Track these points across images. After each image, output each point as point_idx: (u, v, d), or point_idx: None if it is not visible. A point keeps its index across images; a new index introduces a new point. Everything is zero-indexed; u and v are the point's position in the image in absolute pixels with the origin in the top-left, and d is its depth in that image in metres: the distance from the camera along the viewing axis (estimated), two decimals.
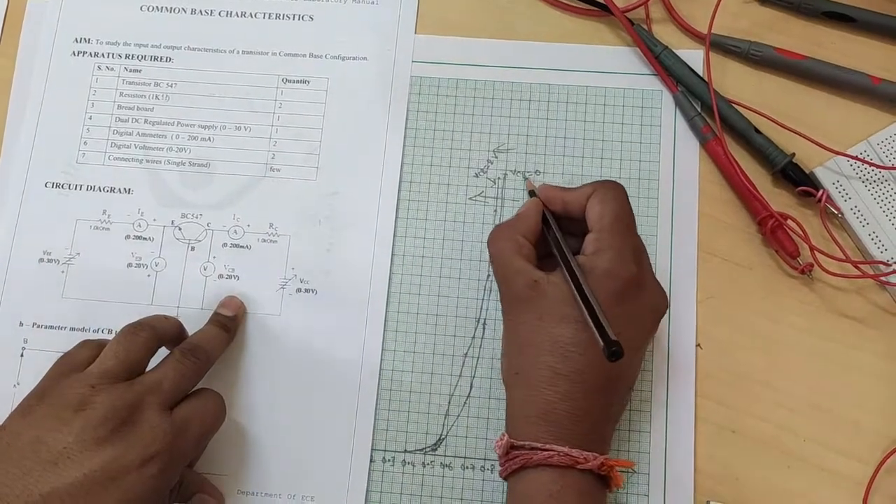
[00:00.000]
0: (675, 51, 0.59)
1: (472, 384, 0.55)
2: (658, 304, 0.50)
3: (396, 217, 0.58)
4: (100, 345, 0.49)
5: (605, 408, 0.48)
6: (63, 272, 0.57)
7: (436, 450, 0.54)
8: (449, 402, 0.55)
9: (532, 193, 0.55)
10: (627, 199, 0.50)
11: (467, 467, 0.54)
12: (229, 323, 0.54)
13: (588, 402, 0.47)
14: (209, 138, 0.60)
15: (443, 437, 0.54)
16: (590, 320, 0.45)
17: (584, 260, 0.48)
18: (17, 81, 0.61)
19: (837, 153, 0.56)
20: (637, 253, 0.49)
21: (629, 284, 0.47)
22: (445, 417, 0.55)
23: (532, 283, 0.48)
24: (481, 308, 0.56)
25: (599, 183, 0.51)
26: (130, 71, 0.61)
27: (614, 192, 0.50)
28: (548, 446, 0.46)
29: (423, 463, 0.54)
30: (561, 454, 0.45)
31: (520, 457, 0.46)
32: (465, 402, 0.55)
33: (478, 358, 0.55)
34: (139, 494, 0.44)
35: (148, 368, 0.49)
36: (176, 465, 0.46)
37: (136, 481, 0.44)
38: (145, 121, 0.60)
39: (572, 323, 0.47)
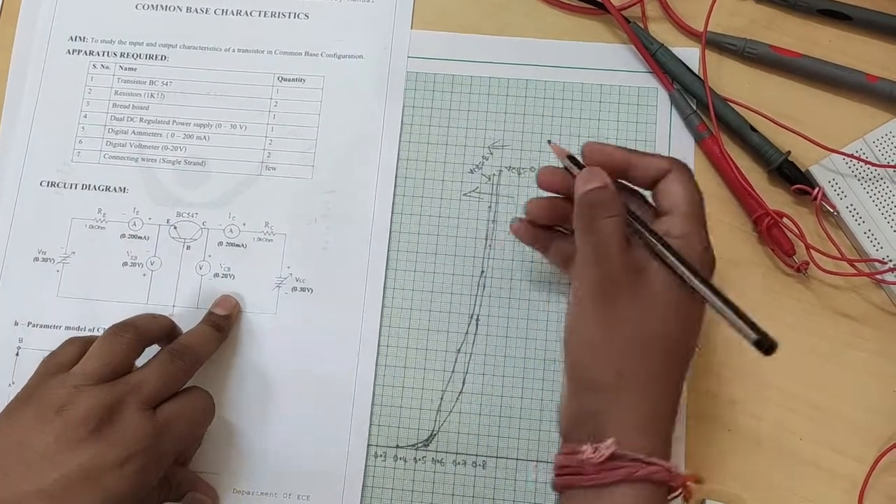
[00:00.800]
0: (670, 48, 0.59)
1: (464, 380, 0.55)
2: None
3: (392, 214, 0.58)
4: (86, 342, 0.49)
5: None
6: (58, 271, 0.57)
7: (428, 445, 0.54)
8: (441, 398, 0.55)
9: (572, 159, 0.49)
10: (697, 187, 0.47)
11: (459, 463, 0.54)
12: (222, 322, 0.54)
13: (677, 405, 0.44)
14: (204, 137, 0.60)
15: (435, 432, 0.54)
16: (730, 314, 0.42)
17: (673, 243, 0.44)
18: (11, 80, 0.61)
19: (833, 151, 0.56)
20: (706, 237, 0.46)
21: (706, 268, 0.45)
22: (438, 413, 0.54)
23: (638, 268, 0.44)
24: (475, 304, 0.56)
25: (674, 160, 0.47)
26: (125, 69, 0.61)
27: (693, 178, 0.46)
28: (652, 459, 0.42)
29: (415, 458, 0.54)
30: (663, 470, 0.42)
31: (622, 468, 0.41)
32: (457, 398, 0.55)
33: (471, 354, 0.55)
34: (118, 493, 0.44)
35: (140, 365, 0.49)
36: (158, 464, 0.46)
37: (114, 481, 0.44)
38: (140, 119, 0.60)
39: (682, 319, 0.44)
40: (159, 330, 0.52)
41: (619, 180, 0.47)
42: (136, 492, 0.45)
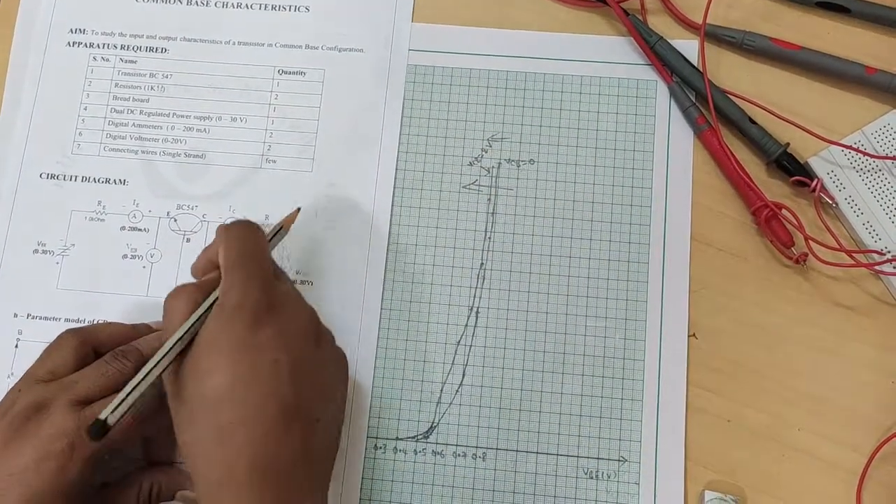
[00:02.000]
0: (669, 41, 0.59)
1: (464, 372, 0.55)
2: (308, 317, 0.47)
3: (392, 207, 0.58)
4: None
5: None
6: (58, 263, 0.57)
7: (428, 437, 0.54)
8: (441, 390, 0.55)
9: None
10: (254, 233, 0.47)
11: (459, 455, 0.54)
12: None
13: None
14: (205, 129, 0.60)
15: (435, 424, 0.54)
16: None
17: (217, 304, 0.44)
18: (11, 72, 0.61)
19: (832, 143, 0.56)
20: (265, 280, 0.45)
21: (260, 309, 0.44)
22: (438, 405, 0.55)
23: None
24: (474, 296, 0.56)
25: (224, 227, 0.47)
26: (126, 62, 0.61)
27: (236, 231, 0.47)
28: None
29: (415, 450, 0.54)
30: None
31: None
32: (457, 390, 0.55)
33: (470, 346, 0.55)
34: (37, 491, 0.43)
35: None
36: (87, 462, 0.45)
37: (33, 479, 0.43)
38: (140, 112, 0.60)
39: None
40: (109, 337, 0.50)
41: None
42: (61, 490, 0.44)
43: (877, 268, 0.55)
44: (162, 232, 0.58)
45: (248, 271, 0.45)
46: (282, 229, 0.52)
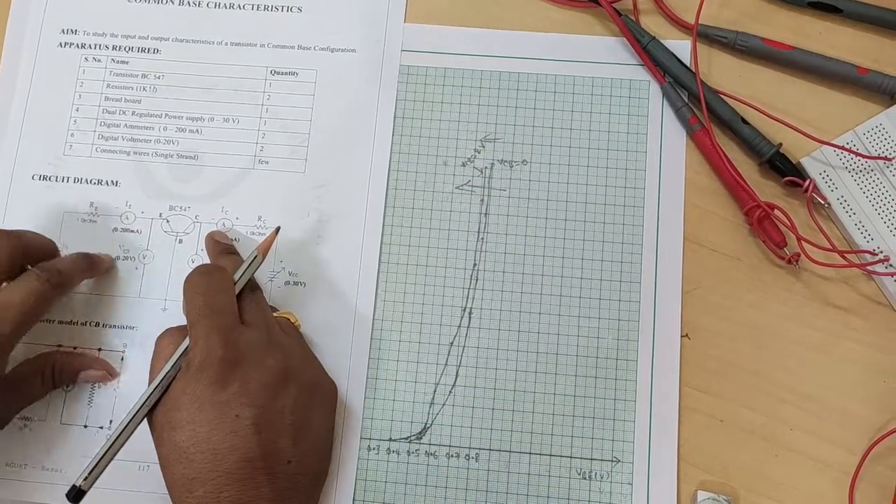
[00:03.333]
0: (662, 41, 0.59)
1: (457, 373, 0.55)
2: (285, 366, 0.49)
3: (385, 207, 0.58)
4: None
5: None
6: None
7: (421, 438, 0.54)
8: (434, 391, 0.55)
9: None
10: (216, 280, 0.49)
11: (452, 455, 0.54)
12: (91, 255, 0.56)
13: None
14: (197, 130, 0.59)
15: (428, 425, 0.54)
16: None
17: (185, 360, 0.48)
18: (3, 73, 0.60)
19: (824, 143, 0.56)
20: (228, 334, 0.47)
21: (223, 367, 0.46)
22: (431, 406, 0.55)
23: None
24: (468, 297, 0.56)
25: (187, 278, 0.50)
26: (118, 62, 0.61)
27: (196, 282, 0.49)
28: None
29: (409, 451, 0.54)
30: None
31: None
32: (450, 391, 0.55)
33: (464, 347, 0.55)
34: None
35: None
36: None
37: None
38: (133, 113, 0.60)
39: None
40: (38, 247, 0.53)
41: None
42: None
43: (869, 268, 0.55)
44: (154, 233, 0.58)
45: (210, 326, 0.47)
46: (258, 257, 0.53)
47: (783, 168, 0.56)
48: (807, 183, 0.55)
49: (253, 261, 0.52)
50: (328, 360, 0.55)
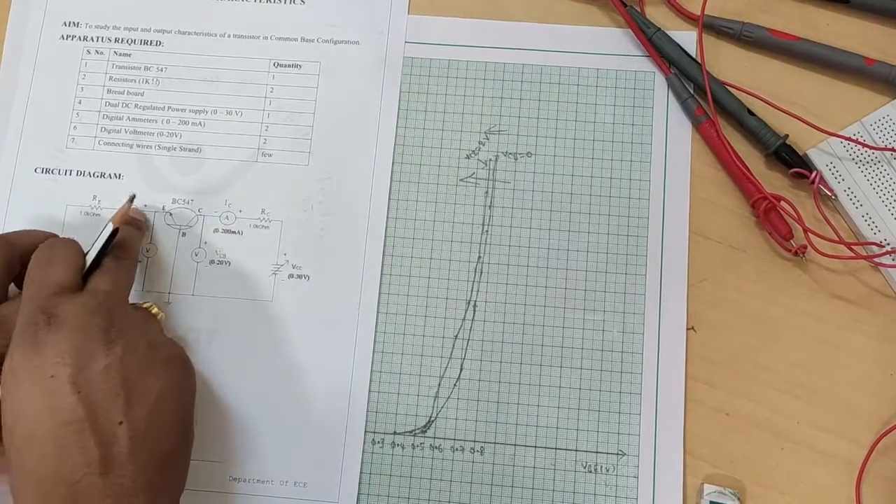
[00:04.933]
0: (667, 32, 0.58)
1: (462, 366, 0.55)
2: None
3: (388, 200, 0.57)
4: None
5: None
6: None
7: (426, 432, 0.54)
8: (439, 384, 0.55)
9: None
10: (52, 252, 0.48)
11: (457, 449, 0.54)
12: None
13: None
14: (200, 123, 0.59)
15: (433, 419, 0.54)
16: None
17: None
18: (5, 66, 0.60)
19: (831, 134, 0.56)
20: (46, 299, 0.46)
21: (38, 329, 0.44)
22: (435, 399, 0.54)
23: None
24: (472, 290, 0.56)
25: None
26: (120, 55, 0.60)
27: (36, 253, 0.49)
28: None
29: (413, 445, 0.54)
30: None
31: None
32: (455, 384, 0.55)
33: (468, 340, 0.55)
34: None
35: None
36: None
37: None
38: (135, 105, 0.60)
39: None
40: (32, 244, 0.51)
41: None
42: None
43: (876, 260, 0.54)
44: (157, 226, 0.58)
45: (30, 295, 0.46)
46: (107, 225, 0.51)
47: (790, 159, 0.56)
48: (813, 174, 0.55)
49: (102, 231, 0.51)
50: (332, 353, 0.55)
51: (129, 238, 0.53)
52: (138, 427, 0.44)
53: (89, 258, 0.50)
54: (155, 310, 0.52)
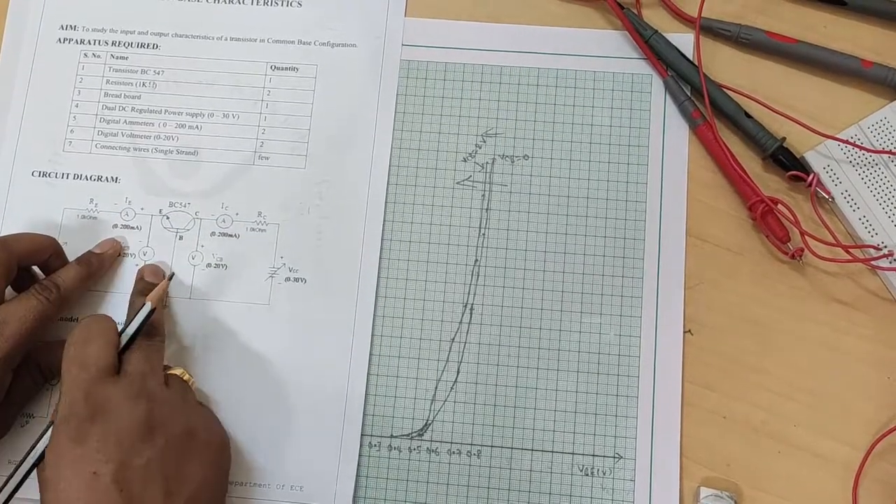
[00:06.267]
0: (664, 35, 0.58)
1: (458, 369, 0.55)
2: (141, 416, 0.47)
3: (385, 203, 0.57)
4: None
5: None
6: None
7: (422, 435, 0.54)
8: (436, 388, 0.55)
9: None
10: (89, 331, 0.48)
11: (454, 452, 0.54)
12: (93, 259, 0.55)
13: None
14: (197, 126, 0.59)
15: (429, 422, 0.54)
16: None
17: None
18: (2, 69, 0.60)
19: (828, 137, 0.56)
20: (89, 387, 0.46)
21: (81, 420, 0.45)
22: (432, 403, 0.54)
23: None
24: (469, 293, 0.56)
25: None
26: (117, 58, 0.60)
27: (71, 332, 0.49)
28: None
29: (410, 448, 0.54)
30: None
31: None
32: (451, 388, 0.54)
33: (465, 343, 0.55)
34: None
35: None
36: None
37: None
38: (132, 108, 0.60)
39: None
40: (31, 246, 0.52)
41: None
42: None
43: (873, 263, 0.54)
44: (154, 230, 0.58)
45: (72, 379, 0.47)
46: (146, 304, 0.51)
47: (787, 162, 0.56)
48: (810, 177, 0.55)
49: (140, 309, 0.51)
50: (329, 356, 0.55)
51: (158, 314, 0.53)
52: None
53: (124, 337, 0.50)
54: (186, 376, 0.52)
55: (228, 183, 0.58)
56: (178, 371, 0.52)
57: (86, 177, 0.59)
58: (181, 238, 0.57)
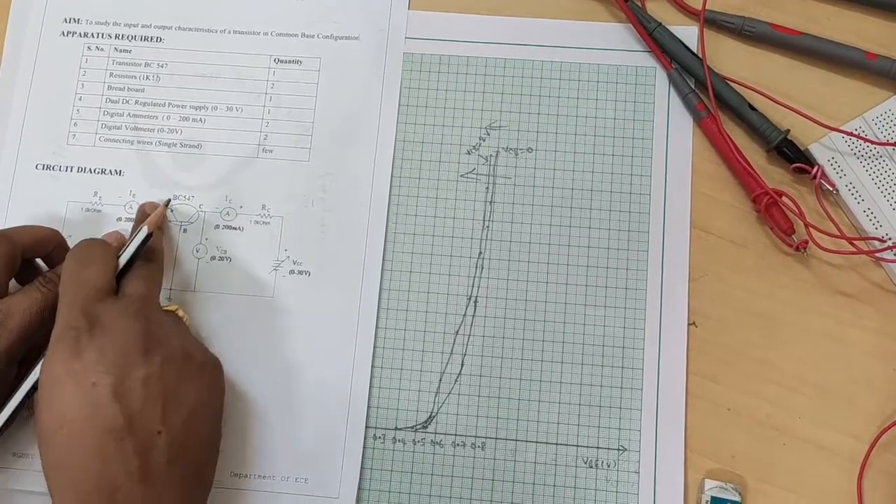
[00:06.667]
0: (668, 27, 0.58)
1: (463, 362, 0.55)
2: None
3: (389, 196, 0.57)
4: None
5: None
6: None
7: (426, 427, 0.54)
8: (440, 380, 0.55)
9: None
10: (87, 251, 0.49)
11: (458, 444, 0.54)
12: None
13: None
14: (200, 119, 0.59)
15: (434, 414, 0.54)
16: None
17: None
18: (5, 62, 0.60)
19: (832, 129, 0.56)
20: (86, 303, 0.47)
21: (80, 334, 0.45)
22: (436, 395, 0.54)
23: None
24: (473, 286, 0.56)
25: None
26: (120, 51, 0.60)
27: (71, 254, 0.50)
28: None
29: (414, 440, 0.54)
30: None
31: None
32: (456, 380, 0.54)
33: (469, 335, 0.55)
34: None
35: None
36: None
37: None
38: (136, 101, 0.60)
39: None
40: (33, 239, 0.52)
41: None
42: None
43: (878, 255, 0.54)
44: None
45: (70, 297, 0.47)
46: (142, 229, 0.51)
47: (791, 154, 0.55)
48: (815, 169, 0.55)
49: (137, 234, 0.51)
50: (333, 349, 0.55)
51: (157, 241, 0.53)
52: (175, 436, 0.45)
53: (122, 260, 0.50)
54: (181, 313, 0.52)
55: (232, 176, 0.58)
56: (173, 307, 0.52)
57: (90, 170, 0.59)
58: (185, 231, 0.57)
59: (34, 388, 0.47)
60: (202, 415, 0.48)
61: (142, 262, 0.51)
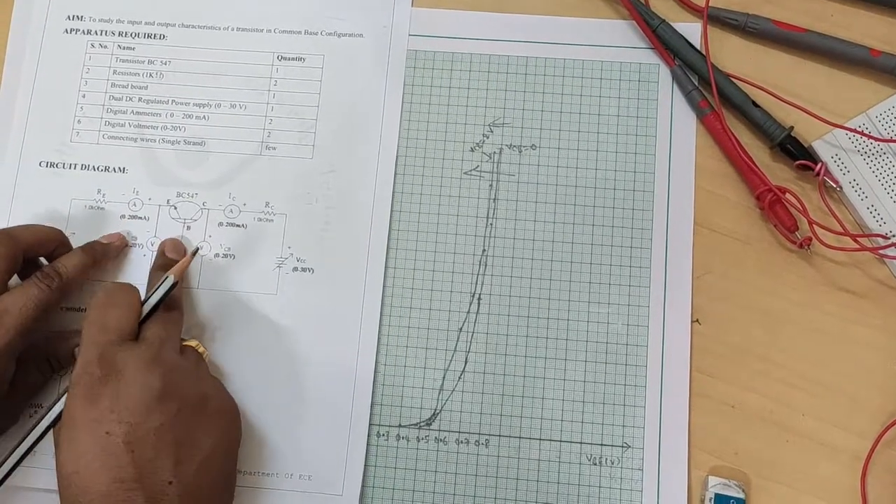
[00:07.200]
0: (672, 24, 0.58)
1: (466, 359, 0.55)
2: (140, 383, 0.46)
3: (393, 193, 0.57)
4: None
5: None
6: None
7: (430, 424, 0.54)
8: (444, 377, 0.55)
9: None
10: (113, 296, 0.49)
11: (462, 441, 0.54)
12: (97, 247, 0.55)
13: None
14: (204, 116, 0.59)
15: (437, 411, 0.54)
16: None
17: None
18: (9, 60, 0.60)
19: (836, 126, 0.56)
20: (103, 349, 0.47)
21: (94, 381, 0.46)
22: (440, 392, 0.54)
23: None
24: (476, 283, 0.56)
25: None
26: (124, 49, 0.60)
27: (94, 297, 0.50)
28: None
29: (418, 437, 0.54)
30: None
31: None
32: (459, 377, 0.55)
33: (473, 333, 0.55)
34: None
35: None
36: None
37: None
38: (139, 99, 0.60)
39: None
40: (34, 237, 0.53)
41: None
42: None
43: (881, 252, 0.54)
44: (162, 220, 0.58)
45: (90, 341, 0.47)
46: (168, 278, 0.51)
47: (795, 151, 0.55)
48: (818, 166, 0.55)
49: (163, 282, 0.51)
50: (336, 346, 0.55)
51: (179, 290, 0.53)
52: (187, 484, 0.45)
53: (146, 307, 0.50)
54: (201, 349, 0.53)
55: (236, 173, 0.58)
56: (192, 343, 0.52)
57: (93, 167, 0.59)
58: (189, 228, 0.57)
59: (58, 418, 0.48)
60: (216, 461, 0.48)
61: (163, 309, 0.51)
